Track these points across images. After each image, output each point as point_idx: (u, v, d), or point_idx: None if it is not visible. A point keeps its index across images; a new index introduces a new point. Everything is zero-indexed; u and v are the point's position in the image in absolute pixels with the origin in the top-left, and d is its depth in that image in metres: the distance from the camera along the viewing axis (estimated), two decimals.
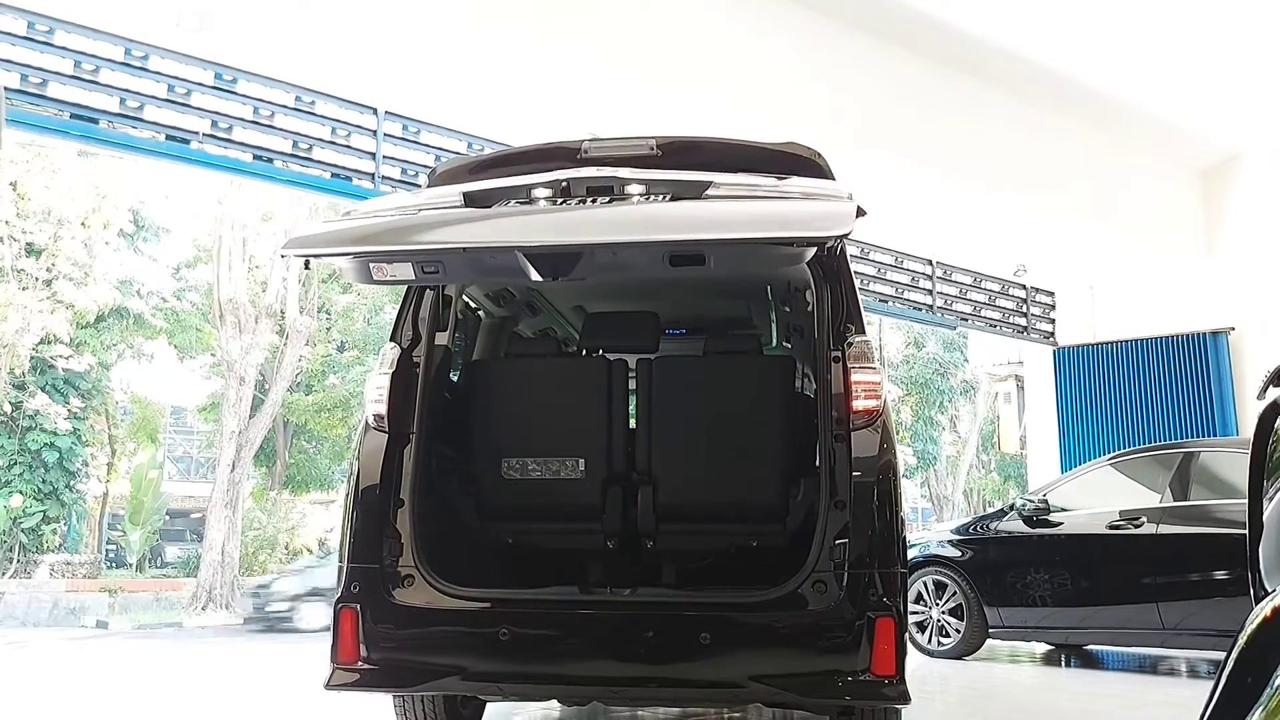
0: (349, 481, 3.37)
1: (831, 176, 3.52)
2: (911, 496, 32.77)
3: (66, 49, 6.10)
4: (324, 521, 25.11)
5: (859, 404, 3.13)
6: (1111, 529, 6.48)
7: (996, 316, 11.83)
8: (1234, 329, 11.08)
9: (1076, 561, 6.73)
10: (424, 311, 3.53)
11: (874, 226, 9.05)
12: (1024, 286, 12.03)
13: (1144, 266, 11.53)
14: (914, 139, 8.52)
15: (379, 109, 7.24)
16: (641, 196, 3.07)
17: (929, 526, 22.88)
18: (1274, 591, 1.45)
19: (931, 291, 10.92)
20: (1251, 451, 2.28)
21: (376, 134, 7.23)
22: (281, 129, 6.89)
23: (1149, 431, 11.20)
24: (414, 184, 7.17)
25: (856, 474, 3.06)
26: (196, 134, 6.56)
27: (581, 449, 3.63)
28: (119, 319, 21.87)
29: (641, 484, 3.67)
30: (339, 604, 3.15)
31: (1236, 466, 6.07)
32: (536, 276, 2.93)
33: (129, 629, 16.66)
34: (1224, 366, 11.05)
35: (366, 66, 6.85)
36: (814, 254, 2.93)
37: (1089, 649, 7.85)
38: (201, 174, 9.93)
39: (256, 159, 6.85)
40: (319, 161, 7.05)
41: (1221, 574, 6.01)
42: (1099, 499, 6.83)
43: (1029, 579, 6.93)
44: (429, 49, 6.61)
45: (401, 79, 7.01)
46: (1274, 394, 2.18)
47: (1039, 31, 8.48)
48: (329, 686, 3.13)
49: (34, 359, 20.11)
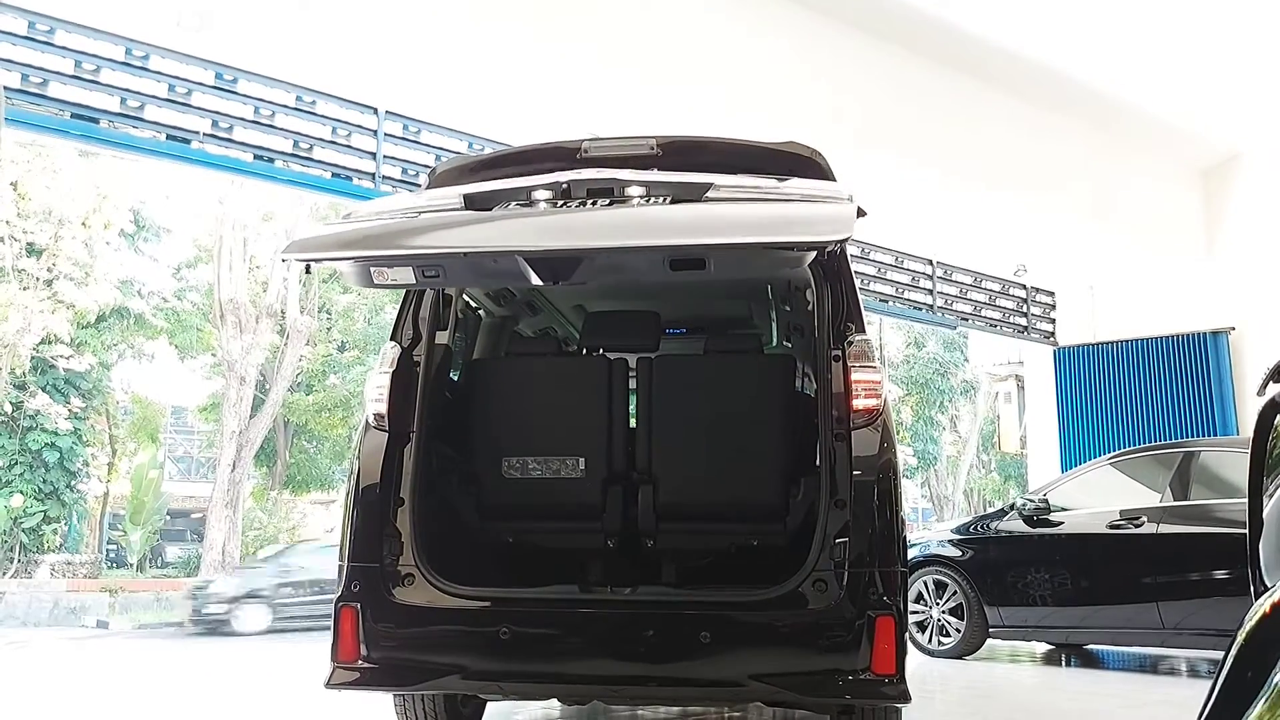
0: (349, 480, 3.37)
1: (832, 176, 3.52)
2: (912, 496, 32.77)
3: (67, 49, 6.10)
4: (324, 521, 25.13)
5: (859, 403, 3.13)
6: (1112, 529, 6.48)
7: (997, 316, 11.82)
8: (1234, 329, 11.08)
9: (1077, 561, 6.73)
10: (424, 311, 3.52)
11: (874, 226, 9.05)
12: (1024, 286, 12.03)
13: (1144, 266, 11.53)
14: (914, 139, 8.52)
15: (379, 109, 7.25)
16: (642, 199, 3.06)
17: (929, 526, 22.86)
18: (1274, 587, 1.45)
19: (932, 291, 10.92)
20: (1252, 448, 2.28)
21: (377, 134, 7.24)
22: (282, 129, 6.89)
23: (1149, 431, 11.20)
24: (414, 184, 7.18)
25: (857, 473, 3.06)
26: (197, 134, 6.57)
27: (582, 448, 3.63)
28: (120, 319, 21.89)
29: (642, 483, 3.66)
30: (339, 603, 3.15)
31: (1237, 466, 6.07)
32: (537, 280, 2.92)
33: (129, 629, 16.65)
34: (1224, 366, 11.05)
35: (367, 66, 6.86)
36: (814, 256, 2.93)
37: (1089, 648, 7.85)
38: (202, 174, 9.93)
39: (257, 159, 6.85)
40: (319, 161, 7.06)
41: (1222, 573, 6.01)
42: (1099, 498, 6.83)
43: (1029, 578, 6.93)
44: (429, 49, 6.62)
45: (402, 79, 7.01)
46: (1274, 390, 2.17)
47: (1039, 31, 8.48)
48: (329, 685, 3.12)
49: (35, 359, 20.12)
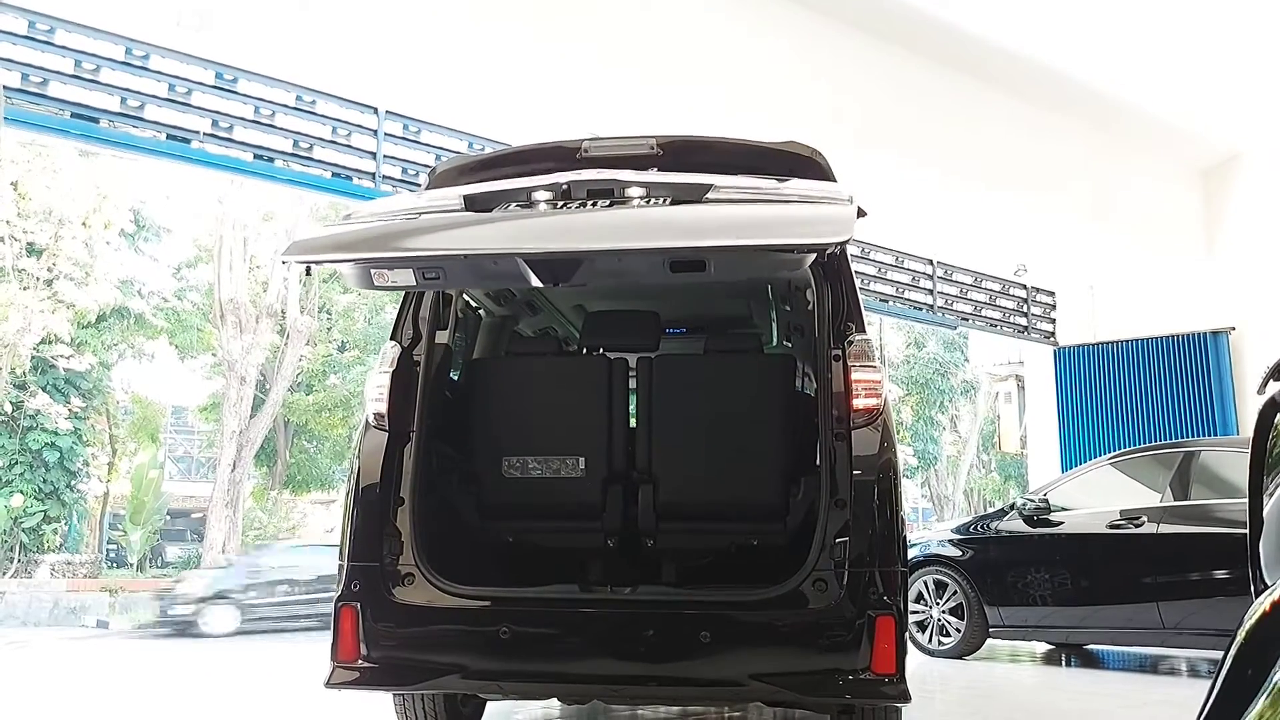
0: (349, 480, 3.37)
1: (832, 176, 3.51)
2: (912, 496, 32.77)
3: (67, 48, 6.10)
4: (325, 521, 25.13)
5: (859, 402, 3.13)
6: (1112, 528, 6.47)
7: (997, 316, 11.82)
8: (1234, 329, 11.08)
9: (1077, 561, 6.73)
10: (424, 310, 3.52)
11: (874, 226, 9.04)
12: (1024, 286, 12.02)
13: (1144, 266, 11.53)
14: (914, 139, 8.52)
15: (380, 108, 7.25)
16: (642, 200, 3.05)
17: (929, 526, 22.86)
18: (1274, 586, 1.45)
19: (932, 291, 10.92)
20: (1252, 447, 2.28)
21: (377, 133, 7.24)
22: (282, 128, 6.89)
23: (1149, 431, 11.20)
24: (415, 184, 7.18)
25: (857, 472, 3.06)
26: (197, 133, 6.57)
27: (582, 448, 3.63)
28: (120, 319, 21.88)
29: (642, 482, 3.66)
30: (339, 602, 3.15)
31: (1237, 466, 6.07)
32: (537, 282, 2.92)
33: (129, 629, 16.65)
34: (1224, 366, 11.05)
35: (367, 66, 6.86)
36: (814, 258, 2.93)
37: (1089, 648, 7.85)
38: (202, 173, 9.94)
39: (257, 158, 6.85)
40: (320, 161, 7.06)
41: (1222, 573, 6.01)
42: (1099, 498, 6.83)
43: (1029, 578, 6.92)
44: (429, 49, 6.62)
45: (402, 79, 7.01)
46: (1274, 389, 2.17)
47: (1039, 31, 8.48)
48: (329, 685, 3.12)
49: (35, 359, 20.12)
